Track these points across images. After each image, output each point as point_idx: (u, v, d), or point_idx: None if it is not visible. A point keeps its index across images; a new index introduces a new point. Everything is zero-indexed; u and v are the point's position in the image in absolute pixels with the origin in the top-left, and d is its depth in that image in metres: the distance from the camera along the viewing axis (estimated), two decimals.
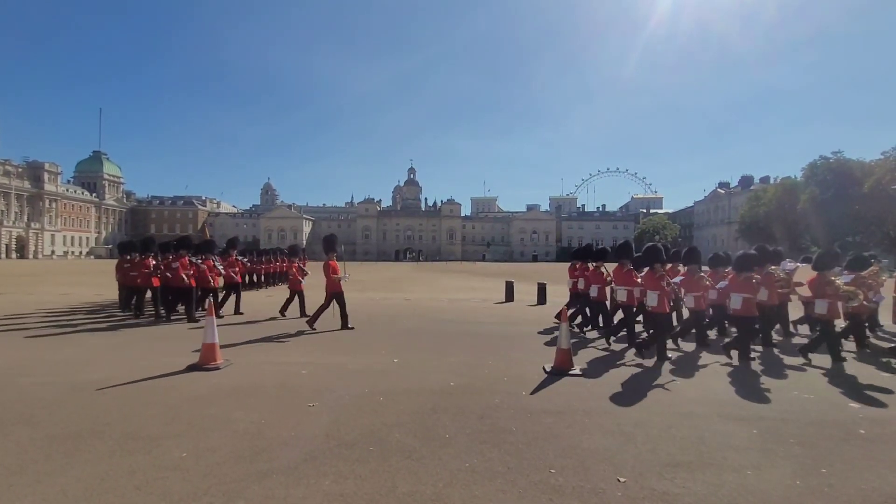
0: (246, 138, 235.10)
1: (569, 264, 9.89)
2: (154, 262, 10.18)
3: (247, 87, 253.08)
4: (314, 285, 10.67)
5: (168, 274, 9.71)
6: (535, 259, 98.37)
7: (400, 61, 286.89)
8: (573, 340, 7.19)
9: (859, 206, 47.58)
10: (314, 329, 8.42)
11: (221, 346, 5.99)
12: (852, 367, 6.26)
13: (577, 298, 9.15)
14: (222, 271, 10.55)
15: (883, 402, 4.67)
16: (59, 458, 3.18)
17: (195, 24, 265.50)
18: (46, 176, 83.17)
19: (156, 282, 9.95)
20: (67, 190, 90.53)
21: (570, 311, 8.57)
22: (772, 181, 71.93)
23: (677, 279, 7.75)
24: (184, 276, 9.56)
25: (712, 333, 8.10)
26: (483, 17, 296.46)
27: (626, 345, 7.27)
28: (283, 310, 10.23)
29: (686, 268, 7.75)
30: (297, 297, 10.38)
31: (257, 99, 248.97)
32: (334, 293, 8.60)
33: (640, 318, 7.88)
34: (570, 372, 5.53)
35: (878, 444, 3.62)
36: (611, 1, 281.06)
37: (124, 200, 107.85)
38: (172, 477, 2.92)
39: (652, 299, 6.55)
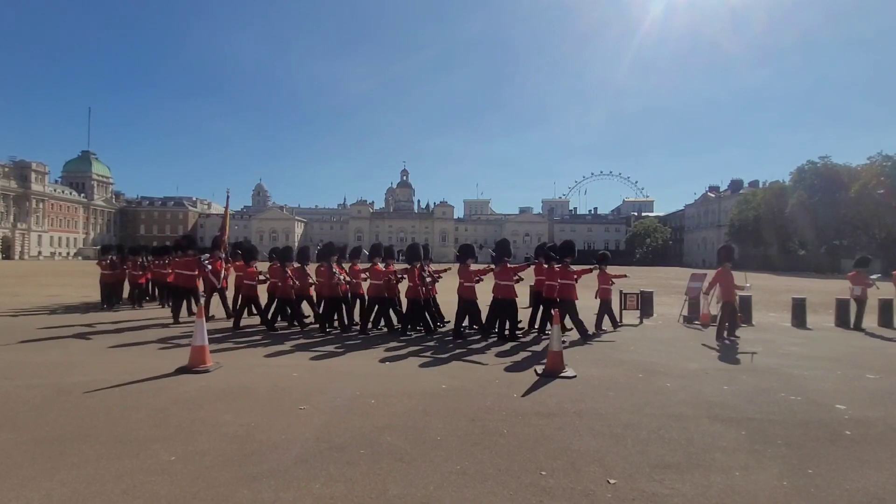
0: (237, 139, 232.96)
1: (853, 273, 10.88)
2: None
3: (238, 88, 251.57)
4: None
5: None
6: (527, 261, 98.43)
7: (393, 63, 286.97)
8: None
9: (846, 211, 48.31)
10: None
11: (211, 349, 5.95)
12: (839, 369, 6.35)
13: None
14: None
15: (868, 404, 4.74)
16: (44, 462, 3.13)
17: (186, 24, 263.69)
18: (33, 176, 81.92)
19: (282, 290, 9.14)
20: (55, 190, 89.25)
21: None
22: (761, 185, 72.78)
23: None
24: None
25: None
26: (476, 20, 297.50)
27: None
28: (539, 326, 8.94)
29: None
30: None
31: (249, 100, 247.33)
32: (729, 302, 8.51)
33: None
34: (562, 374, 5.55)
35: (863, 445, 3.68)
36: (604, 5, 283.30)
37: (113, 201, 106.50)
38: (160, 481, 2.89)
39: None
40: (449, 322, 9.16)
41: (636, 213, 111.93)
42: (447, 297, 9.46)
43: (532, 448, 3.48)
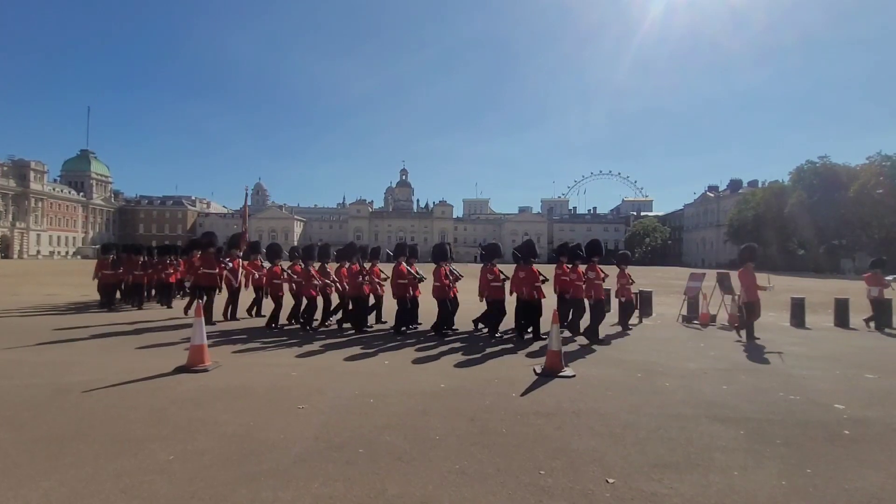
0: (237, 138, 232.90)
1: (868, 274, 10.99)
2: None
3: (238, 88, 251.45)
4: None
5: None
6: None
7: (393, 63, 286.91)
8: None
9: (845, 210, 48.34)
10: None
11: (210, 348, 5.95)
12: (838, 368, 6.35)
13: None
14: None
15: (867, 404, 4.75)
16: (42, 461, 3.13)
17: (186, 24, 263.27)
18: (32, 175, 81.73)
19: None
20: (54, 189, 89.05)
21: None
22: (760, 185, 72.81)
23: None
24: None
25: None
26: (476, 20, 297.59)
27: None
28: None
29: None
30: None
31: (248, 99, 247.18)
32: (752, 302, 8.58)
33: None
34: (561, 374, 5.55)
35: (861, 444, 3.68)
36: (604, 5, 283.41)
37: (112, 200, 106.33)
38: (159, 480, 2.88)
39: None
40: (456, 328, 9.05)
41: (635, 213, 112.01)
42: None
43: (531, 447, 3.48)
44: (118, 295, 12.60)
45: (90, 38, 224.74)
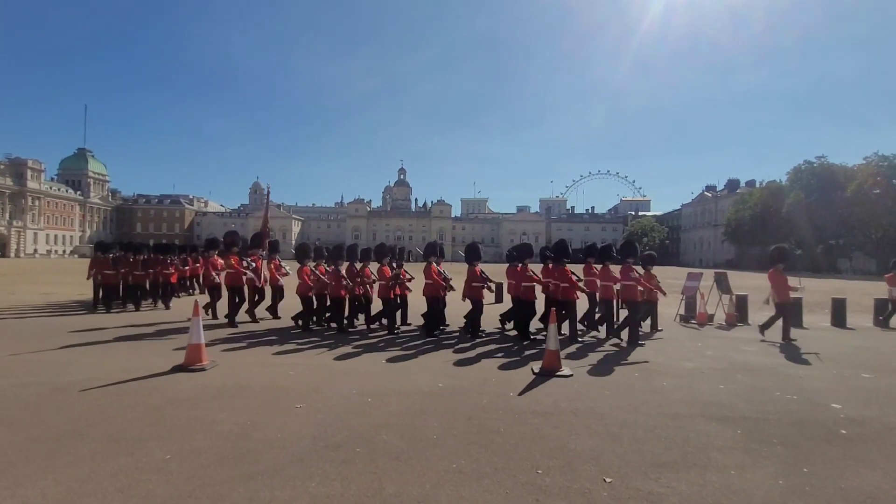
0: (235, 137, 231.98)
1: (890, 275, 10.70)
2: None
3: (236, 87, 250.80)
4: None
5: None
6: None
7: (393, 63, 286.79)
8: None
9: (843, 210, 48.51)
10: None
11: (208, 347, 5.94)
12: (835, 368, 6.37)
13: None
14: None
15: (864, 403, 4.76)
16: (39, 460, 3.12)
17: (184, 22, 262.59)
18: (29, 173, 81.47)
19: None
20: (51, 188, 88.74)
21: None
22: (757, 185, 72.97)
23: None
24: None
25: None
26: (476, 20, 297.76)
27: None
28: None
29: None
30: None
31: (246, 98, 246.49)
32: (786, 305, 8.49)
33: None
34: (558, 373, 5.56)
35: (858, 444, 3.69)
36: (603, 4, 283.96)
37: (109, 199, 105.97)
38: (156, 479, 2.88)
39: None
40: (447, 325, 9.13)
41: (633, 213, 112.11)
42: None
43: (528, 447, 3.48)
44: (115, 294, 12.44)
45: (88, 36, 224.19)
